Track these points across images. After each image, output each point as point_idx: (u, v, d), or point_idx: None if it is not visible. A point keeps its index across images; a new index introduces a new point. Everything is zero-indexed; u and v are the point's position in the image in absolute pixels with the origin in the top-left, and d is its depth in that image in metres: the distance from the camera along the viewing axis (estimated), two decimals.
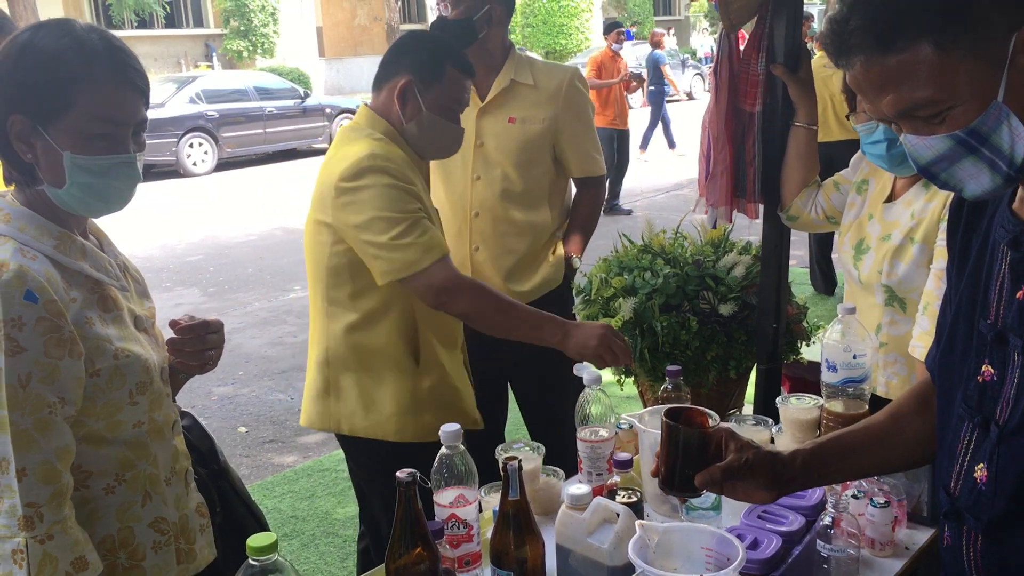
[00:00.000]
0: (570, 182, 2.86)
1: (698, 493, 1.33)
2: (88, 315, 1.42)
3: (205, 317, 1.63)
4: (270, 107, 15.07)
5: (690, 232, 2.85)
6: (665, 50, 13.12)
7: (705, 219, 2.60)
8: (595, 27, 27.05)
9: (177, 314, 1.64)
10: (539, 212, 2.71)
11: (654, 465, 1.37)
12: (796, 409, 2.09)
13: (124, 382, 1.46)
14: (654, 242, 2.78)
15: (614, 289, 2.55)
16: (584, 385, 1.98)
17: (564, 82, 2.72)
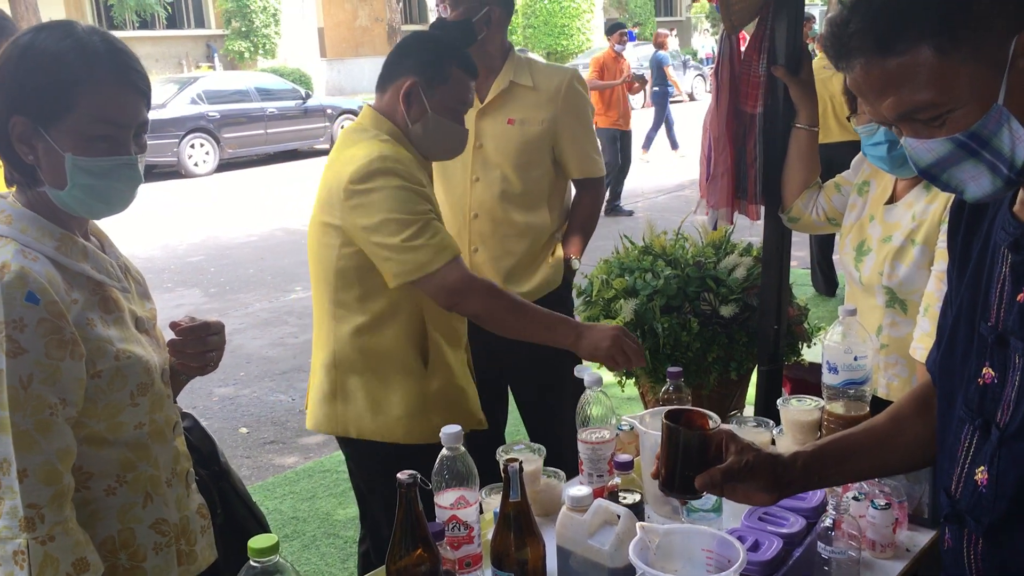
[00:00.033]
0: (570, 183, 2.86)
1: (698, 495, 1.33)
2: (89, 316, 1.42)
3: (206, 318, 1.63)
4: (271, 108, 15.08)
5: (691, 233, 2.85)
6: (668, 51, 13.11)
7: (706, 220, 2.60)
8: (596, 28, 27.06)
9: (178, 315, 1.64)
10: (538, 213, 2.71)
11: (655, 467, 1.37)
12: (797, 411, 2.08)
13: (125, 383, 1.46)
14: (655, 243, 2.78)
15: (615, 290, 2.56)
16: (585, 387, 1.98)
17: (563, 83, 2.71)
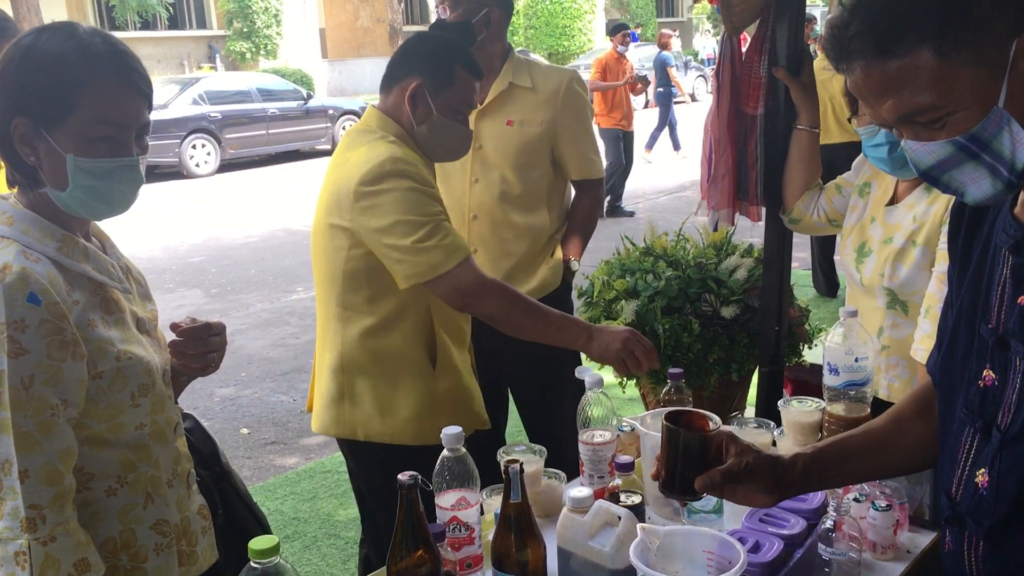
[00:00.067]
0: (569, 185, 2.86)
1: (698, 497, 1.33)
2: (91, 317, 1.42)
3: (207, 319, 1.64)
4: (273, 108, 15.09)
5: (692, 234, 2.85)
6: (672, 52, 13.11)
7: (707, 221, 2.60)
8: (598, 29, 27.06)
9: (179, 315, 1.64)
10: (538, 215, 2.71)
11: (655, 468, 1.37)
12: (798, 412, 2.08)
13: (126, 384, 1.46)
14: (656, 244, 2.78)
15: (616, 291, 2.56)
16: (585, 388, 1.98)
17: (562, 85, 2.71)
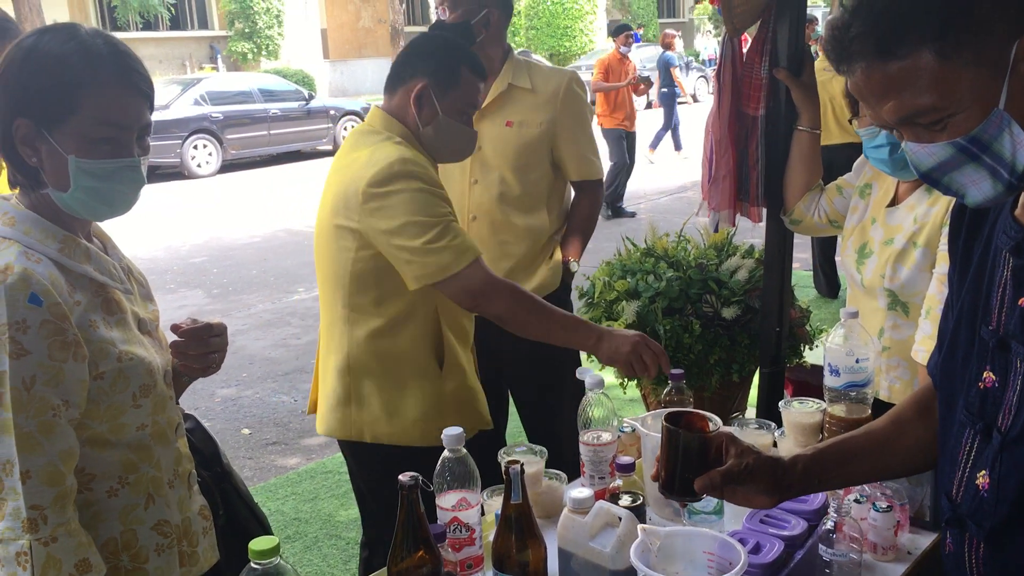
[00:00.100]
0: (569, 185, 2.86)
1: (698, 497, 1.33)
2: (92, 318, 1.42)
3: (208, 319, 1.64)
4: (274, 109, 15.10)
5: (693, 235, 2.85)
6: (675, 52, 13.11)
7: (708, 222, 2.60)
8: (599, 29, 27.07)
9: (181, 316, 1.64)
10: (537, 216, 2.71)
11: (655, 469, 1.37)
12: (799, 413, 2.08)
13: (128, 385, 1.46)
14: (657, 245, 2.79)
15: (617, 292, 2.56)
16: (586, 388, 1.98)
17: (562, 86, 2.72)
